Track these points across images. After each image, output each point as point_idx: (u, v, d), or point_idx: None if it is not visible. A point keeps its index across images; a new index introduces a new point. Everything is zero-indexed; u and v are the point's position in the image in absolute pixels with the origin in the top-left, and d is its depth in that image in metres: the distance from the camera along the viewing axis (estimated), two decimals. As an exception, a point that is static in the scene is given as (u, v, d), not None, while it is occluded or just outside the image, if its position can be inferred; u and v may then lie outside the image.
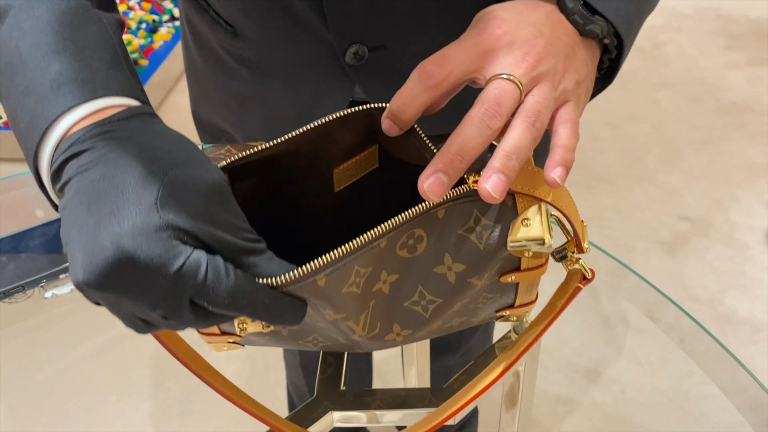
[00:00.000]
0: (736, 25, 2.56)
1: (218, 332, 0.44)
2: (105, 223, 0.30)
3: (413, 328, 0.42)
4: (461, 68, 0.38)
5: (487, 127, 0.36)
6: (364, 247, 0.36)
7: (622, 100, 2.21)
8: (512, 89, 0.37)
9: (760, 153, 1.97)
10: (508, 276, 0.41)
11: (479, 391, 0.42)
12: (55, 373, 1.40)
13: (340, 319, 0.39)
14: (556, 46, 0.40)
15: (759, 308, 1.54)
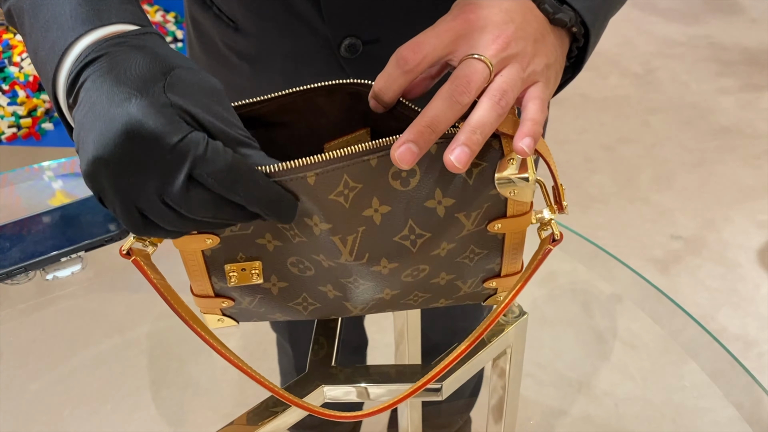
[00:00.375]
0: (728, 52, 2.61)
1: (212, 294, 0.45)
2: (116, 104, 0.34)
3: (400, 261, 0.44)
4: (435, 53, 0.41)
5: (457, 102, 0.39)
6: (353, 157, 0.39)
7: (615, 123, 2.25)
8: (482, 68, 0.40)
9: (752, 175, 2.00)
10: (495, 223, 0.43)
11: (462, 350, 0.43)
12: (49, 382, 1.41)
13: (326, 230, 0.41)
14: (526, 31, 0.42)
15: (751, 325, 1.56)
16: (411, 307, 0.49)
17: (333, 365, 0.50)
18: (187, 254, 0.44)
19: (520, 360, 0.58)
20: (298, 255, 0.45)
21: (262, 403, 0.49)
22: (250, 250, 0.44)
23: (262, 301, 0.48)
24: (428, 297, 0.48)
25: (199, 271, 0.45)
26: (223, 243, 0.44)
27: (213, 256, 0.45)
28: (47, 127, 1.98)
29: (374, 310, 0.48)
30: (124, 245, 0.42)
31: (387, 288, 0.46)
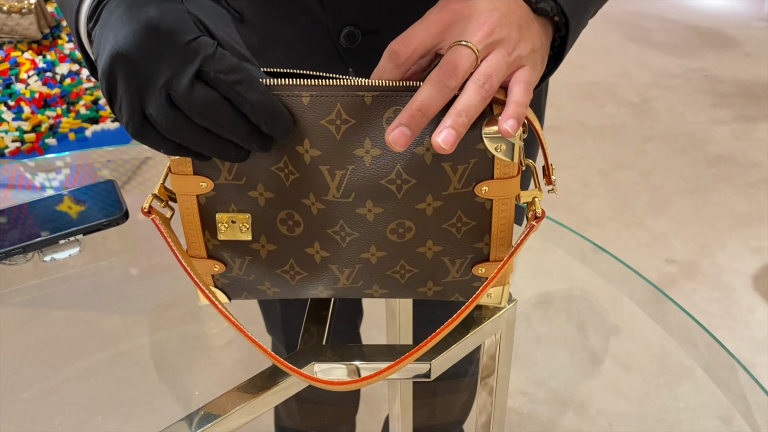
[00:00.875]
0: (723, 85, 2.65)
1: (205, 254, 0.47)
2: (137, 8, 0.38)
3: (384, 206, 0.45)
4: (424, 45, 0.44)
5: (445, 86, 0.42)
6: (348, 89, 0.42)
7: (611, 150, 2.27)
8: (468, 53, 0.43)
9: (746, 203, 2.02)
10: (482, 185, 0.45)
11: (450, 322, 0.44)
12: (42, 392, 1.40)
13: (316, 157, 0.43)
14: (510, 18, 0.44)
15: (745, 349, 1.56)
16: (398, 285, 0.49)
17: (324, 344, 0.51)
18: (184, 200, 0.46)
19: (509, 349, 0.58)
20: (288, 207, 0.46)
21: (253, 378, 0.49)
22: (242, 203, 0.46)
23: (251, 264, 0.49)
24: (415, 273, 0.49)
25: (193, 223, 0.47)
26: (216, 190, 0.46)
27: (207, 205, 0.46)
28: (50, 142, 2.00)
29: (362, 280, 0.48)
30: (144, 203, 0.46)
31: (373, 245, 0.47)
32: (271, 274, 0.49)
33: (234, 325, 0.45)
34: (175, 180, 0.46)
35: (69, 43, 2.32)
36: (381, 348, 0.51)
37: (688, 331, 1.42)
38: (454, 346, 0.51)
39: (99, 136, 2.03)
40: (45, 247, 0.59)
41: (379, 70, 0.44)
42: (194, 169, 0.45)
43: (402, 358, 0.44)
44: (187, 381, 1.43)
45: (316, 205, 0.45)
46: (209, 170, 0.45)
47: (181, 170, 0.45)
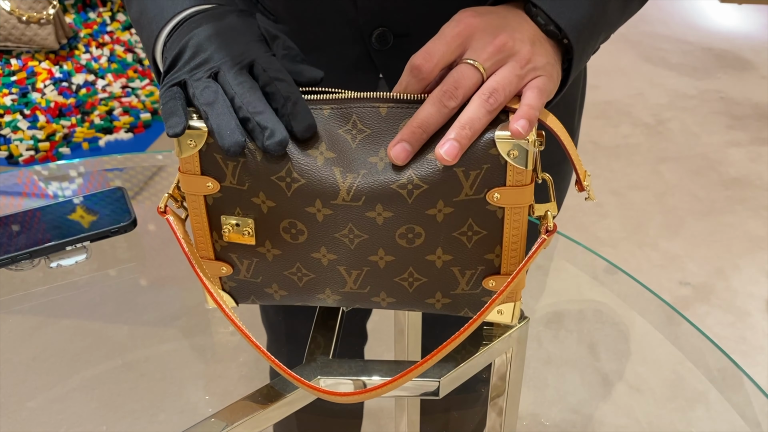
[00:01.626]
0: (739, 107, 2.63)
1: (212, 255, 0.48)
2: (219, 17, 0.51)
3: (394, 211, 0.44)
4: (444, 59, 0.45)
5: (444, 106, 0.44)
6: (364, 101, 0.44)
7: (625, 170, 2.26)
8: (471, 73, 0.44)
9: (762, 226, 1.99)
10: (494, 192, 0.44)
11: (459, 333, 0.43)
12: (47, 401, 1.39)
13: (330, 159, 0.44)
14: (523, 34, 0.46)
15: (761, 374, 1.53)
16: (406, 294, 0.48)
17: (331, 358, 0.50)
18: (192, 200, 0.47)
19: (520, 370, 0.57)
20: (291, 216, 0.46)
21: (259, 391, 0.48)
22: (247, 208, 0.47)
23: (258, 266, 0.48)
24: (424, 282, 0.48)
25: (201, 223, 0.48)
26: (222, 192, 0.47)
27: (214, 206, 0.47)
28: (64, 151, 2.01)
29: (369, 284, 0.48)
30: (160, 203, 0.47)
31: (381, 248, 0.46)
32: (279, 275, 0.49)
33: (240, 330, 0.44)
34: (183, 179, 0.47)
35: (86, 54, 2.34)
36: (388, 363, 0.50)
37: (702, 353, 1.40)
38: (464, 363, 0.49)
39: (112, 146, 2.04)
40: (52, 254, 0.59)
41: (402, 84, 0.46)
42: (201, 169, 0.46)
43: (407, 370, 0.43)
44: (193, 394, 1.42)
45: (322, 212, 0.45)
46: (215, 171, 0.46)
47: (189, 169, 0.46)
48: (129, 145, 2.05)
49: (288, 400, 0.48)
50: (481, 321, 0.44)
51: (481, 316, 0.43)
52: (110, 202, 0.64)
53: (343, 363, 0.49)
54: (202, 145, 0.45)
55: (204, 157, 0.45)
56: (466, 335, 0.43)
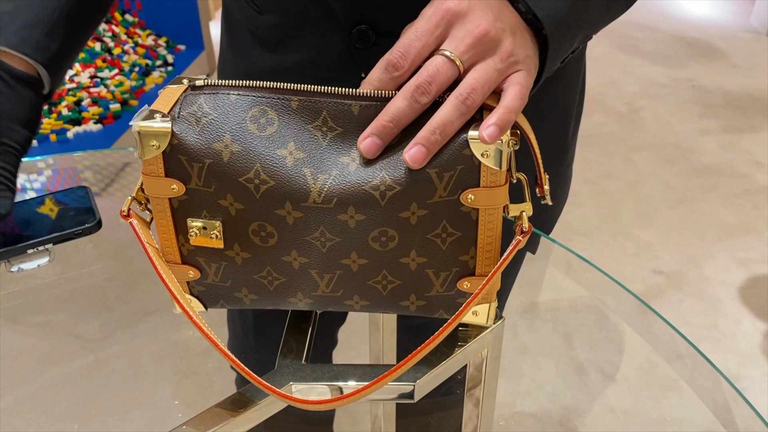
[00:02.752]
0: (710, 95, 2.66)
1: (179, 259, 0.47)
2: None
3: (367, 214, 0.43)
4: (421, 56, 0.43)
5: (416, 101, 0.42)
6: (335, 96, 0.42)
7: (598, 159, 2.27)
8: (447, 67, 0.42)
9: (733, 213, 2.02)
10: (467, 193, 0.43)
11: (433, 338, 0.42)
12: (17, 400, 1.37)
13: (300, 159, 0.43)
14: (504, 22, 0.43)
15: (731, 361, 1.55)
16: (380, 297, 0.47)
17: (303, 363, 0.49)
18: (157, 203, 0.45)
19: (496, 370, 0.56)
20: (260, 219, 0.44)
21: (231, 397, 0.47)
22: (214, 210, 0.45)
23: (227, 270, 0.47)
24: (398, 285, 0.47)
25: (167, 227, 0.46)
26: (188, 195, 0.45)
27: (179, 209, 0.46)
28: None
29: (342, 287, 0.47)
30: (123, 206, 0.45)
31: (354, 251, 0.45)
32: (248, 279, 0.47)
33: (207, 338, 0.43)
34: (147, 182, 0.45)
35: (52, 42, 2.29)
36: (363, 367, 0.49)
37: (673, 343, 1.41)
38: (439, 366, 0.49)
39: (81, 137, 2.00)
40: (12, 257, 0.57)
41: (374, 81, 0.43)
42: (165, 171, 0.44)
43: (381, 376, 0.42)
44: (166, 390, 1.40)
45: (292, 214, 0.44)
46: (180, 173, 0.44)
47: (152, 171, 0.44)
48: (98, 137, 2.00)
49: (259, 407, 0.47)
50: (456, 323, 0.43)
51: (456, 319, 0.43)
52: (74, 202, 0.62)
53: (315, 368, 0.48)
54: (166, 146, 0.43)
55: (168, 158, 0.43)
56: (441, 338, 0.42)
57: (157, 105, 0.44)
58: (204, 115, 0.43)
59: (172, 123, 0.43)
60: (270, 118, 0.43)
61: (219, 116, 0.43)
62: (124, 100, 2.15)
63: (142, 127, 0.43)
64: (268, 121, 0.43)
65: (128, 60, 2.35)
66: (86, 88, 2.17)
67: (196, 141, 0.43)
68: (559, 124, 0.71)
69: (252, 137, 0.43)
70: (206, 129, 0.43)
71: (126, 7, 2.52)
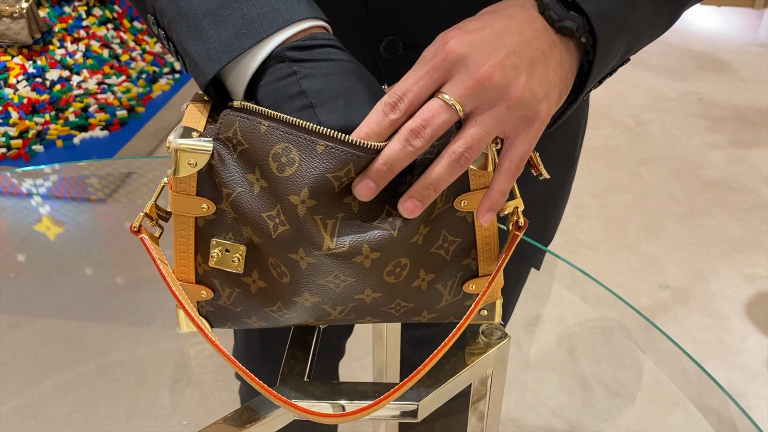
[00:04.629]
0: (717, 109, 2.65)
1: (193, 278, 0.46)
2: None
3: (382, 250, 0.43)
4: (419, 97, 0.41)
5: (409, 145, 0.40)
6: (365, 150, 0.40)
7: (605, 171, 2.26)
8: (444, 111, 0.40)
9: (739, 228, 2.01)
10: (461, 199, 0.44)
11: (436, 352, 0.42)
12: (18, 406, 1.36)
13: (311, 207, 0.41)
14: (521, 56, 0.40)
15: (737, 378, 1.54)
16: (392, 317, 0.47)
17: (306, 380, 0.48)
18: (181, 221, 0.44)
19: (501, 388, 0.56)
20: (275, 256, 0.44)
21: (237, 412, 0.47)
22: (239, 234, 0.44)
23: (240, 297, 0.46)
24: (411, 307, 0.47)
25: (187, 245, 0.45)
26: (217, 215, 0.44)
27: (204, 228, 0.44)
28: (38, 148, 1.97)
29: (355, 313, 0.46)
30: (134, 222, 0.44)
31: (368, 288, 0.44)
32: (259, 310, 0.47)
33: (223, 355, 0.43)
34: (175, 199, 0.43)
35: (60, 49, 2.30)
36: (366, 385, 0.48)
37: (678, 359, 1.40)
38: (443, 386, 0.48)
39: (87, 143, 2.00)
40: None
41: (372, 123, 0.40)
42: (198, 190, 0.43)
43: (387, 394, 0.42)
44: (167, 399, 1.39)
45: (305, 260, 0.43)
46: (212, 193, 0.43)
47: (183, 189, 0.43)
48: (104, 143, 2.01)
49: (265, 421, 0.47)
50: (464, 328, 0.43)
51: (465, 323, 0.43)
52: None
53: (318, 385, 0.48)
54: (204, 165, 0.42)
55: (202, 177, 0.42)
56: (449, 346, 0.42)
57: (188, 122, 0.42)
58: (239, 143, 0.42)
59: (212, 143, 0.42)
60: (291, 158, 0.40)
61: (251, 147, 0.41)
62: (131, 106, 2.15)
63: (181, 145, 0.41)
64: (289, 161, 0.40)
65: (136, 67, 2.36)
66: (93, 95, 2.18)
67: (233, 167, 0.42)
68: (569, 139, 0.71)
69: (273, 176, 0.41)
70: (242, 157, 0.42)
71: (135, 14, 2.54)
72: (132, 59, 2.39)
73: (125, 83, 2.27)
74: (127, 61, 2.37)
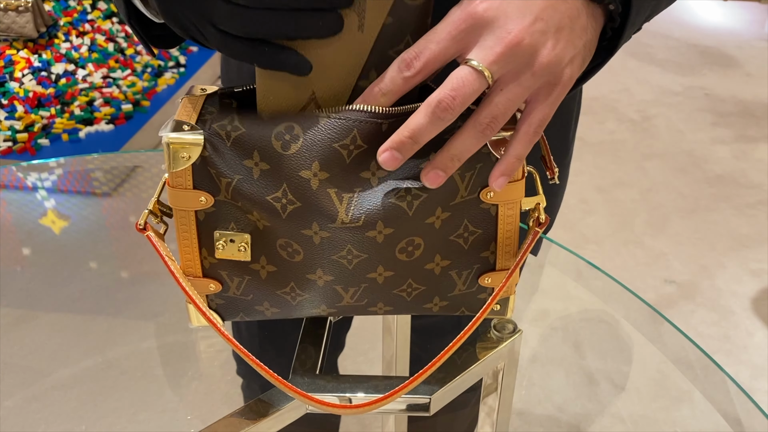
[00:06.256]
0: (724, 104, 2.64)
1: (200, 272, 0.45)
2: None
3: (395, 226, 0.43)
4: (437, 61, 0.39)
5: (438, 118, 0.38)
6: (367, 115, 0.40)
7: (610, 166, 2.26)
8: (473, 79, 0.38)
9: (746, 224, 2.00)
10: (487, 191, 0.43)
11: (450, 346, 0.42)
12: (25, 399, 1.37)
13: (324, 180, 0.41)
14: (549, 19, 0.39)
15: (743, 373, 1.53)
16: (404, 302, 0.47)
17: (318, 374, 0.48)
18: (181, 216, 0.44)
19: (512, 383, 0.56)
20: (286, 236, 0.44)
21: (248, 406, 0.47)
22: (242, 223, 0.44)
23: (250, 284, 0.46)
24: (423, 290, 0.46)
25: (190, 240, 0.45)
26: (216, 207, 0.44)
27: (206, 221, 0.44)
28: (43, 142, 1.97)
29: (367, 297, 0.46)
30: (140, 220, 0.44)
31: (381, 265, 0.44)
32: (271, 294, 0.47)
33: (238, 348, 0.43)
34: (172, 194, 0.43)
35: (65, 42, 2.29)
36: (378, 379, 0.48)
37: (685, 352, 1.40)
38: (454, 380, 0.48)
39: (93, 137, 2.00)
40: None
41: (387, 80, 0.40)
42: (194, 183, 0.43)
43: (400, 387, 0.42)
44: (174, 392, 1.39)
45: (319, 234, 0.43)
46: (209, 185, 0.43)
47: (179, 184, 0.43)
48: (110, 137, 2.01)
49: (276, 415, 0.47)
50: (479, 323, 0.43)
51: (480, 319, 0.43)
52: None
53: (331, 380, 0.48)
54: (197, 158, 0.42)
55: (197, 170, 0.42)
56: (464, 338, 0.42)
57: (180, 116, 0.42)
58: (234, 129, 0.42)
59: (204, 134, 0.42)
60: (295, 135, 0.41)
61: (248, 131, 0.41)
62: (136, 100, 2.15)
63: (172, 139, 0.41)
64: (293, 138, 0.41)
65: (141, 61, 2.35)
66: (99, 89, 2.18)
67: (227, 156, 0.42)
68: (562, 124, 0.71)
69: (277, 156, 0.41)
70: (237, 144, 0.42)
71: (139, 7, 2.53)
72: (137, 53, 2.39)
73: (130, 77, 2.27)
74: (132, 55, 2.37)
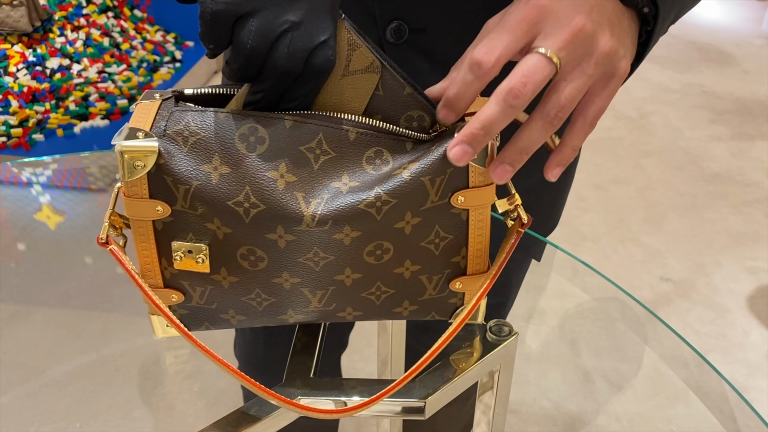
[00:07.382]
0: (721, 101, 2.64)
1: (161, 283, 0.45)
2: None
3: (363, 230, 0.42)
4: (508, 51, 0.39)
5: (510, 107, 0.38)
6: (333, 120, 0.41)
7: (608, 164, 2.25)
8: (543, 66, 0.38)
9: (742, 222, 2.00)
10: (458, 195, 0.43)
11: (435, 349, 0.42)
12: (19, 396, 1.36)
13: (292, 183, 0.41)
14: (602, 14, 0.40)
15: (739, 371, 1.53)
16: (373, 306, 0.46)
17: (312, 376, 0.48)
18: (139, 226, 0.43)
19: (508, 384, 0.55)
20: (249, 243, 0.43)
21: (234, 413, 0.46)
22: (200, 233, 0.43)
23: (213, 294, 0.45)
24: (392, 294, 0.46)
25: (149, 250, 0.44)
26: (174, 216, 0.43)
27: (163, 231, 0.43)
28: (38, 137, 1.96)
29: (335, 301, 0.45)
30: (101, 233, 0.43)
31: (348, 267, 0.44)
32: (236, 301, 0.46)
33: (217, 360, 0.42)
34: (128, 204, 0.42)
35: (60, 37, 2.28)
36: (372, 381, 0.48)
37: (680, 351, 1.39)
38: (449, 383, 0.48)
39: (88, 133, 1.99)
40: None
41: (458, 83, 0.40)
42: (150, 192, 0.42)
43: (386, 390, 0.42)
44: (170, 390, 1.39)
45: (284, 238, 0.42)
46: (165, 195, 0.42)
47: (135, 193, 0.41)
48: (105, 132, 2.00)
49: (268, 420, 0.46)
50: (459, 329, 0.43)
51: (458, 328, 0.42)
52: None
53: (325, 382, 0.47)
54: (152, 166, 0.40)
55: (153, 179, 0.41)
56: (444, 344, 0.42)
57: (135, 123, 0.41)
58: (191, 135, 0.41)
59: (158, 141, 0.40)
60: (260, 137, 0.41)
61: (207, 135, 0.41)
62: (131, 95, 2.14)
63: (125, 147, 0.40)
64: (258, 140, 0.41)
65: (136, 56, 2.34)
66: (94, 83, 2.17)
67: (183, 162, 0.41)
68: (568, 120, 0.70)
69: (241, 158, 0.40)
70: (194, 149, 0.41)
71: (135, 2, 2.52)
72: (132, 48, 2.38)
73: (126, 72, 2.26)
74: (127, 50, 2.35)
